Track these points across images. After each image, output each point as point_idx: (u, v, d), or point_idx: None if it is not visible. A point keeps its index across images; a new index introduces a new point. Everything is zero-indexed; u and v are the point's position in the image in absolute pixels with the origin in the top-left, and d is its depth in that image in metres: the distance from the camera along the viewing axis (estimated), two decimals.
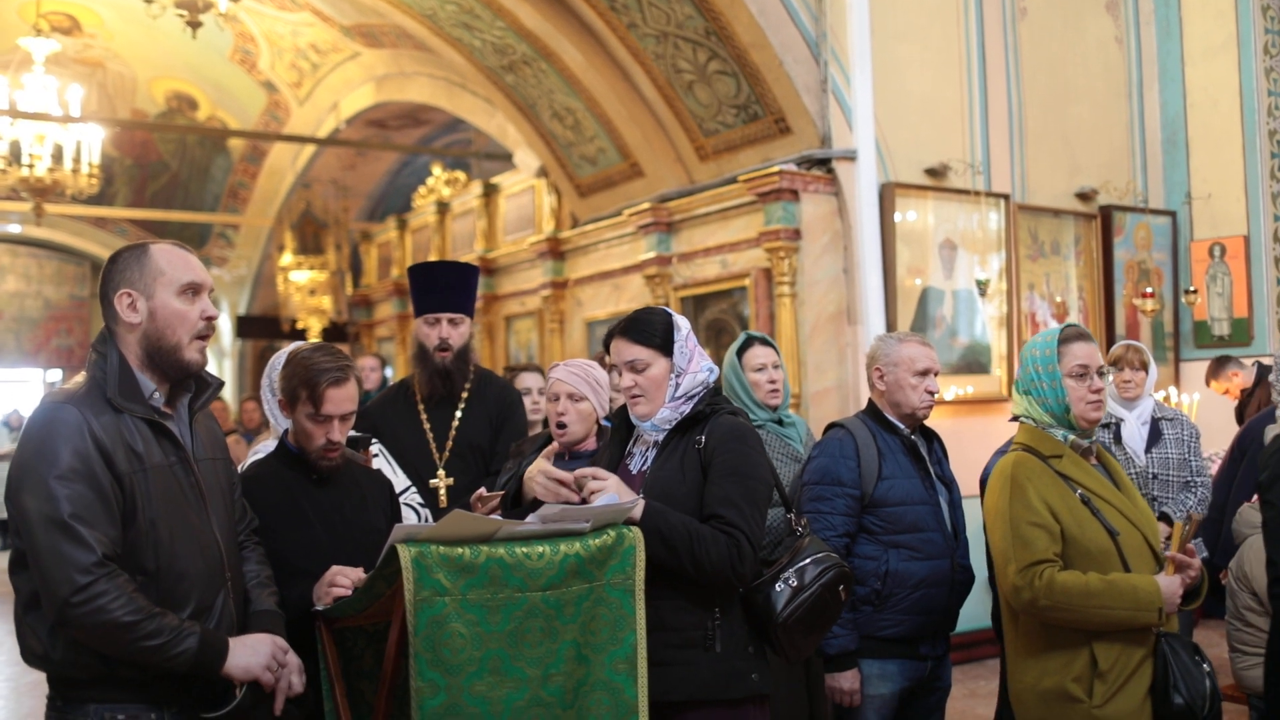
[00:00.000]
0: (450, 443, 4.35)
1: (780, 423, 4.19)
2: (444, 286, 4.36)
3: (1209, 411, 7.14)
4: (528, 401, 4.80)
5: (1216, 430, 6.73)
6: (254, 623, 2.66)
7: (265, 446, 3.55)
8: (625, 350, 2.95)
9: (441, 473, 4.30)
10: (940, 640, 3.64)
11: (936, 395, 3.69)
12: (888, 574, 3.50)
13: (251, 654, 2.54)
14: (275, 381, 3.38)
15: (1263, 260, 7.81)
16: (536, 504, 2.86)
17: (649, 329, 2.96)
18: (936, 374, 3.69)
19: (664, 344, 2.94)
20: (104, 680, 2.42)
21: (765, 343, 4.25)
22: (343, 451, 3.13)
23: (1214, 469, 5.62)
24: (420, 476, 4.22)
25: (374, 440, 3.93)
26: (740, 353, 4.20)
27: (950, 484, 3.72)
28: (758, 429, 4.03)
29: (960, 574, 3.61)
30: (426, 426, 4.36)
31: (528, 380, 4.92)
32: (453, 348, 4.34)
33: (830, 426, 3.76)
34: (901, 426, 3.66)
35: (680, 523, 2.74)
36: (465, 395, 4.41)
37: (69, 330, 18.54)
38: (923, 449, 3.69)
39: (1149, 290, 7.81)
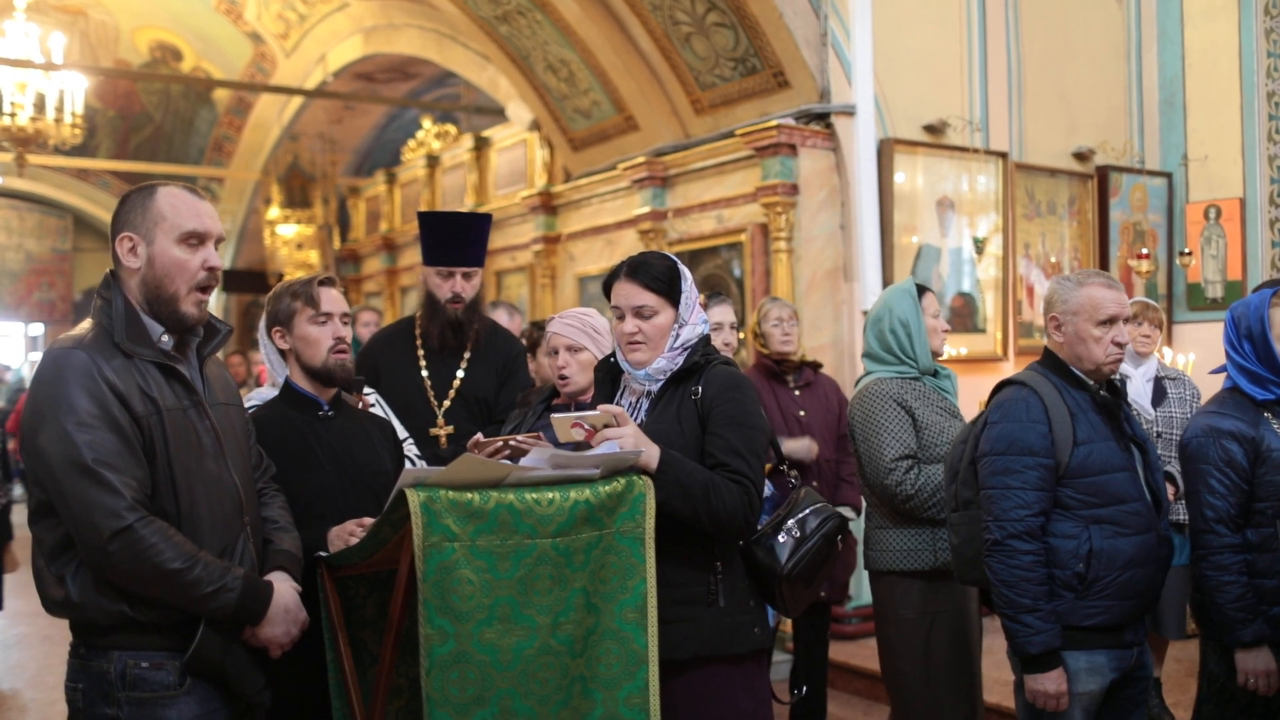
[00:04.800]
0: (453, 392, 4.29)
1: (935, 374, 3.92)
2: (459, 240, 4.27)
3: (1202, 372, 7.13)
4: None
5: (1211, 391, 6.71)
6: (270, 560, 2.63)
7: (259, 394, 3.51)
8: (634, 295, 2.85)
9: (441, 420, 4.25)
10: (1141, 623, 3.19)
11: (1127, 347, 3.20)
12: (1091, 555, 3.02)
13: (282, 627, 2.54)
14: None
15: (1258, 223, 7.78)
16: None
17: (657, 274, 2.87)
18: (1128, 320, 3.19)
19: (670, 291, 2.86)
20: (126, 626, 2.39)
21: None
22: (350, 356, 3.13)
23: None
24: (418, 425, 4.17)
25: (371, 390, 3.90)
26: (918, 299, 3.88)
27: (1144, 445, 3.23)
28: (914, 381, 3.83)
29: (1165, 548, 3.15)
30: (425, 375, 4.30)
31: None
32: (465, 300, 4.28)
33: (1004, 384, 3.27)
34: (1089, 381, 3.17)
35: (698, 471, 2.70)
36: (470, 344, 4.35)
37: (51, 284, 18.35)
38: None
39: (1144, 252, 7.76)
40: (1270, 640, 3.10)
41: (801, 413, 4.90)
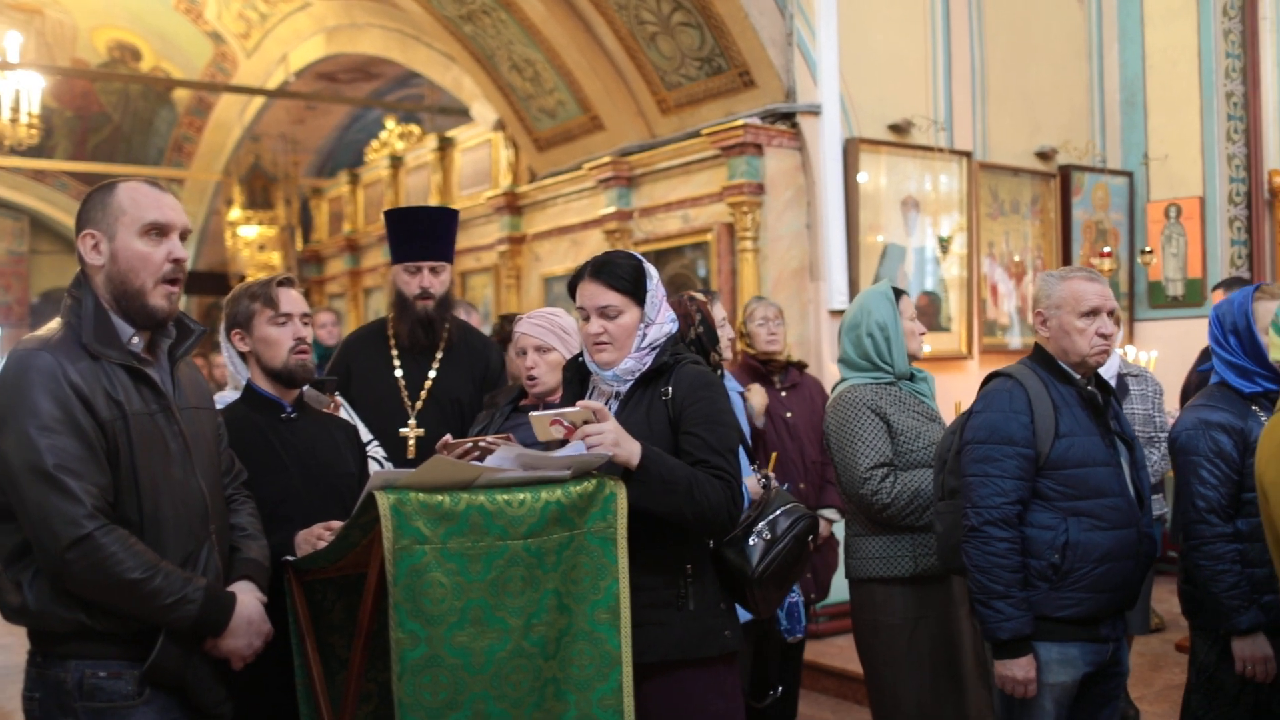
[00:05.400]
0: (425, 393, 4.25)
1: (912, 378, 3.82)
2: (424, 234, 4.24)
3: (1164, 369, 7.20)
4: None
5: (1174, 388, 6.78)
6: (236, 568, 2.59)
7: (221, 397, 3.46)
8: (598, 295, 2.80)
9: (413, 423, 4.20)
10: (1120, 620, 3.22)
11: (1112, 338, 3.21)
12: (1067, 546, 3.06)
13: (245, 639, 2.49)
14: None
15: (1217, 222, 7.88)
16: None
17: (621, 273, 2.82)
18: (1111, 313, 3.18)
19: (635, 290, 2.81)
20: (84, 635, 2.34)
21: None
22: (312, 356, 3.09)
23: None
24: (390, 425, 4.13)
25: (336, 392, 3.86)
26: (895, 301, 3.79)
27: (1131, 441, 3.25)
28: (889, 386, 3.74)
29: (1145, 544, 3.16)
30: (399, 374, 4.27)
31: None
32: (434, 295, 4.24)
33: (993, 376, 3.30)
34: (1076, 376, 3.19)
35: (680, 467, 2.66)
36: (444, 344, 4.31)
37: (7, 287, 18.04)
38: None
39: (1106, 250, 7.82)
40: (1265, 627, 3.14)
41: (788, 414, 4.85)
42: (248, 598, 2.53)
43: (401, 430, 4.19)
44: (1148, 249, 7.88)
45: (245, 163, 14.35)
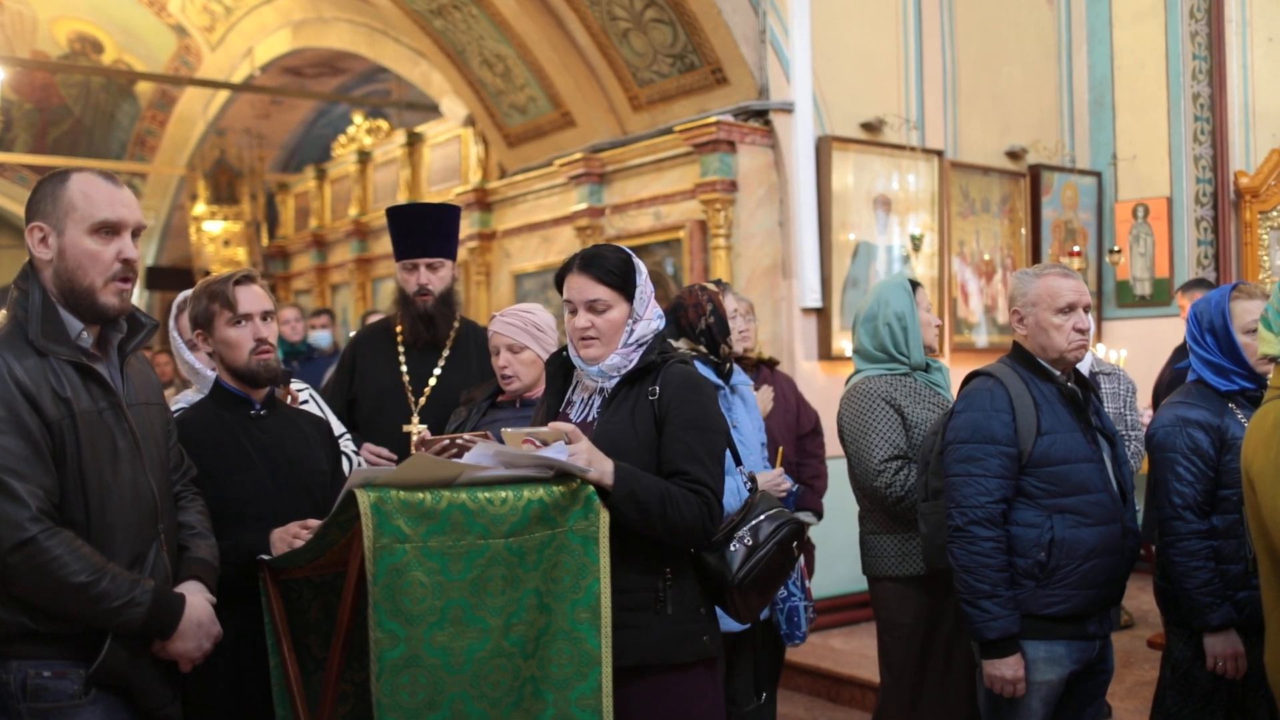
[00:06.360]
0: (429, 390, 4.22)
1: (926, 368, 3.80)
2: (421, 231, 4.21)
3: (1132, 368, 7.25)
4: None
5: (1141, 387, 6.82)
6: (185, 568, 2.53)
7: (186, 396, 3.40)
8: (588, 288, 2.75)
9: (415, 419, 4.17)
10: (1106, 617, 3.23)
11: (1088, 334, 3.22)
12: (1053, 543, 3.07)
13: (194, 641, 2.44)
14: (180, 331, 3.26)
15: (1184, 222, 7.93)
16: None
17: (611, 267, 2.77)
18: (1087, 308, 3.22)
19: (624, 285, 2.77)
20: (26, 636, 2.27)
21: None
22: (276, 355, 3.02)
23: (1146, 421, 5.72)
24: (393, 421, 4.11)
25: (305, 387, 3.81)
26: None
27: (1113, 437, 3.27)
28: (903, 377, 3.74)
29: (1130, 540, 3.18)
30: (404, 370, 4.25)
31: None
32: (433, 292, 4.21)
33: (973, 375, 3.30)
34: (1056, 373, 3.21)
35: (653, 484, 2.62)
36: (450, 343, 4.28)
37: None
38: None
39: (1075, 249, 7.88)
40: (1237, 624, 3.15)
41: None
42: (197, 599, 2.47)
43: (405, 426, 4.17)
44: (1116, 248, 7.93)
45: (210, 157, 14.21)
